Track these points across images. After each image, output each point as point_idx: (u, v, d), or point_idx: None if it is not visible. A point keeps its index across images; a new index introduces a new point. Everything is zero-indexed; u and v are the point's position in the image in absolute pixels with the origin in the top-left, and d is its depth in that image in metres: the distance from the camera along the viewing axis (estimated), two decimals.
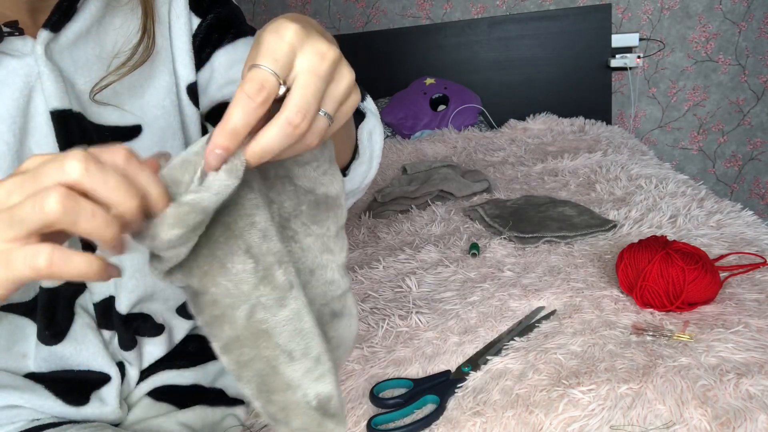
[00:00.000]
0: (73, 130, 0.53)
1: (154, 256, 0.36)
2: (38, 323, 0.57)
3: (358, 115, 0.60)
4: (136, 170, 0.32)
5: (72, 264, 0.31)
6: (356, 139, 0.59)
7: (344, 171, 0.58)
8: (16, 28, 0.50)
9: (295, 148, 0.37)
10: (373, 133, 0.61)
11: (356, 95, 0.39)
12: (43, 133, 0.52)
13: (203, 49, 0.64)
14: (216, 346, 0.40)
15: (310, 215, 0.44)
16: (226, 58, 0.64)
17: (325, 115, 0.37)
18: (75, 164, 0.30)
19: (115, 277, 0.34)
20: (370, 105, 0.64)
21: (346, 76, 0.37)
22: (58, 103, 0.52)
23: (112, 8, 0.57)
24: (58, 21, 0.52)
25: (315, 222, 0.45)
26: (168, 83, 0.61)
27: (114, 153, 0.32)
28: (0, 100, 0.50)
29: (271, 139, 0.35)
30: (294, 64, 0.35)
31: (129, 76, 0.56)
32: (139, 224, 0.33)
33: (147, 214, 0.33)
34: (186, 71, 0.62)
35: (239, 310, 0.38)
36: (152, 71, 0.60)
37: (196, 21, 0.63)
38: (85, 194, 0.31)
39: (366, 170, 0.61)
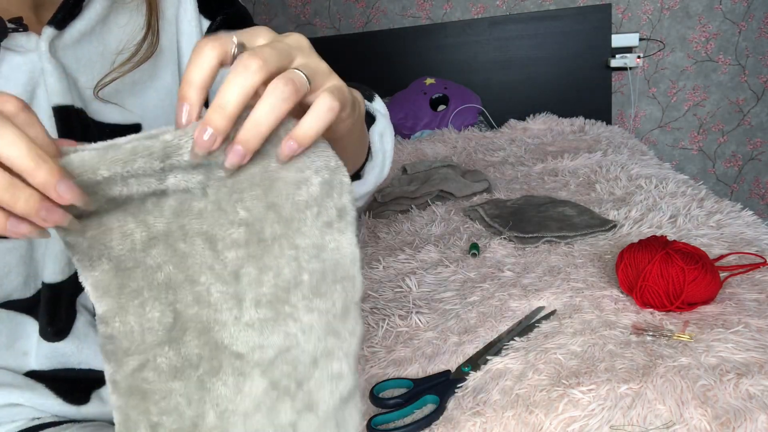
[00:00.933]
0: (75, 126, 0.54)
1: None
2: (40, 320, 0.57)
3: (369, 118, 0.61)
4: (25, 122, 0.30)
5: None
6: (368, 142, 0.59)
7: (358, 173, 0.58)
8: (20, 25, 0.50)
9: (277, 98, 0.34)
10: (384, 134, 0.62)
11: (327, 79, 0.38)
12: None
13: None
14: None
15: (313, 286, 0.37)
16: None
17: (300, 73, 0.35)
18: None
19: (36, 237, 0.31)
20: (379, 107, 0.64)
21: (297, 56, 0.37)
22: (61, 99, 0.52)
23: (118, 6, 0.58)
24: (62, 19, 0.52)
25: (318, 294, 0.37)
26: (170, 84, 0.61)
27: (5, 102, 0.30)
28: None
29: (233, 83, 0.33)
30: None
31: (132, 74, 0.57)
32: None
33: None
34: None
35: (131, 360, 0.35)
36: (155, 71, 0.60)
37: (206, 23, 0.63)
38: None
39: (379, 172, 0.61)
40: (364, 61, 2.53)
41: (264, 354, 0.36)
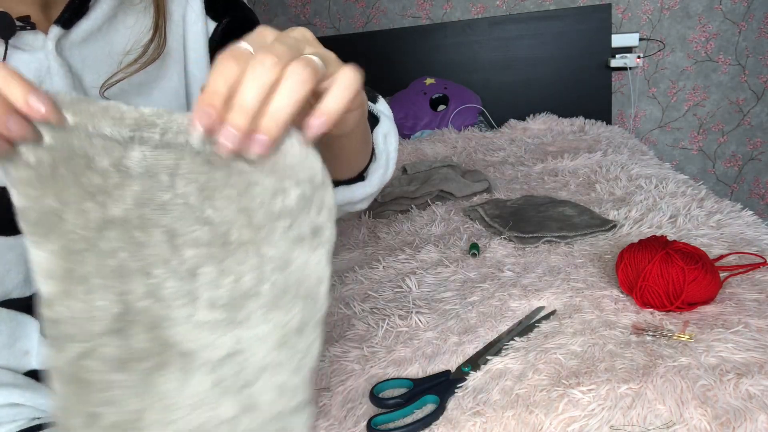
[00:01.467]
0: None
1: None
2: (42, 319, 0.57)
3: (373, 119, 0.61)
4: None
5: None
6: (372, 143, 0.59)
7: (362, 174, 0.59)
8: (28, 23, 0.50)
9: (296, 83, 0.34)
10: (388, 135, 0.62)
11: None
12: None
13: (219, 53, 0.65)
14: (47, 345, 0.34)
15: (272, 298, 0.36)
16: None
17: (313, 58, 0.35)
18: None
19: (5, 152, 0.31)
20: (383, 108, 0.64)
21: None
22: None
23: (125, 7, 0.58)
24: (69, 18, 0.53)
25: (276, 307, 0.36)
26: (177, 85, 0.61)
27: None
28: None
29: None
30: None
31: (138, 75, 0.57)
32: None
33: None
34: (202, 74, 0.63)
35: (73, 347, 0.33)
36: (161, 72, 0.60)
37: (212, 25, 0.64)
38: None
39: (383, 173, 0.61)
40: (364, 61, 2.51)
41: (213, 353, 0.36)
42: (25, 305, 0.57)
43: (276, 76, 0.33)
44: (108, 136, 0.32)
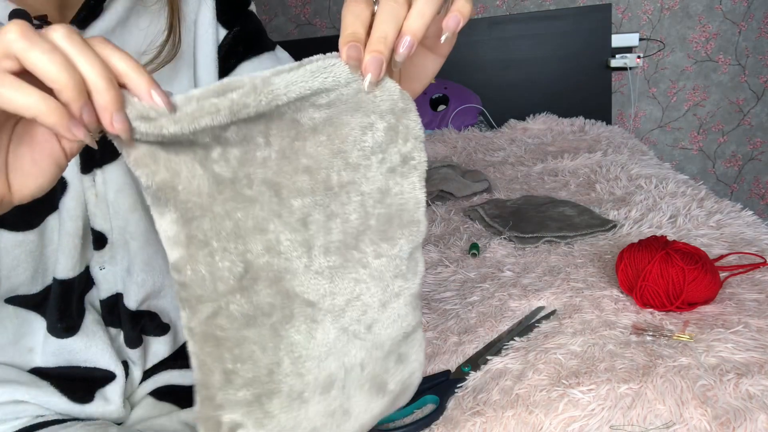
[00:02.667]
0: None
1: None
2: (50, 316, 0.57)
3: None
4: (87, 45, 0.31)
5: (20, 92, 0.29)
6: None
7: None
8: (45, 22, 0.51)
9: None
10: None
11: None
12: None
13: (228, 59, 0.66)
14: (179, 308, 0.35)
15: (380, 231, 0.38)
16: (251, 70, 0.66)
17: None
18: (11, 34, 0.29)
19: (81, 140, 0.32)
20: None
21: None
22: None
23: (139, 9, 0.58)
24: (85, 18, 0.53)
25: (385, 239, 0.38)
26: (187, 88, 0.62)
27: (54, 29, 0.31)
28: None
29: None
30: None
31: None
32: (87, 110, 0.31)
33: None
34: (210, 78, 0.64)
35: (203, 307, 0.35)
36: (174, 74, 0.61)
37: (223, 32, 0.65)
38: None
39: None
40: None
41: (335, 301, 0.38)
42: (31, 303, 0.57)
43: (406, 11, 0.36)
44: (208, 126, 0.34)
